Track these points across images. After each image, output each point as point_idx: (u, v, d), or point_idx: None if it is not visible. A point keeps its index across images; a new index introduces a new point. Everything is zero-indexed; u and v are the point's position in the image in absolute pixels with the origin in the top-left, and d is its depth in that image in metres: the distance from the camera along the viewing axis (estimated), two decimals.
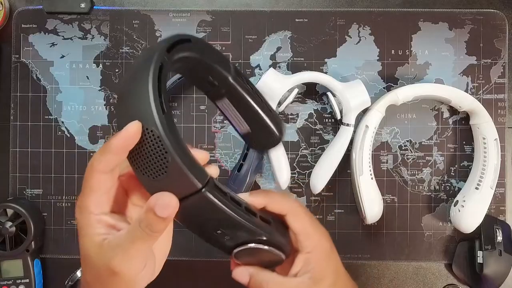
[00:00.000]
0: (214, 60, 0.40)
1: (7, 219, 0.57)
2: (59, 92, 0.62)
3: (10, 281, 0.59)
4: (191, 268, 0.61)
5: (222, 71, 0.41)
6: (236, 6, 0.62)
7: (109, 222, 0.32)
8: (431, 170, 0.61)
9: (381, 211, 0.58)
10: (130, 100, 0.31)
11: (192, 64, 0.38)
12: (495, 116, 0.61)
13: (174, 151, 0.29)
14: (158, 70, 0.31)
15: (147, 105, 0.30)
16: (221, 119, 0.62)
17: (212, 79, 0.41)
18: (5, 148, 0.62)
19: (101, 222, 0.32)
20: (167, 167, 0.30)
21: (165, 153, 0.29)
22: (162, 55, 0.32)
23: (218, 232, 0.34)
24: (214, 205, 0.32)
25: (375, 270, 0.62)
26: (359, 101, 0.57)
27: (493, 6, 0.62)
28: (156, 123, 0.29)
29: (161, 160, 0.30)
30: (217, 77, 0.41)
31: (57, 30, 0.62)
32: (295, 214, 0.39)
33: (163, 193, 0.30)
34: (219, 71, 0.41)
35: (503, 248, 0.57)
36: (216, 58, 0.41)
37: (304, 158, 0.62)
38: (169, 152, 0.29)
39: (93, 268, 0.32)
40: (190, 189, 0.31)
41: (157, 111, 0.29)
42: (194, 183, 0.31)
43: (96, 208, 0.32)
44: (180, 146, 0.30)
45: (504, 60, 0.61)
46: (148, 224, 0.30)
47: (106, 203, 0.33)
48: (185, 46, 0.36)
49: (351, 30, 0.62)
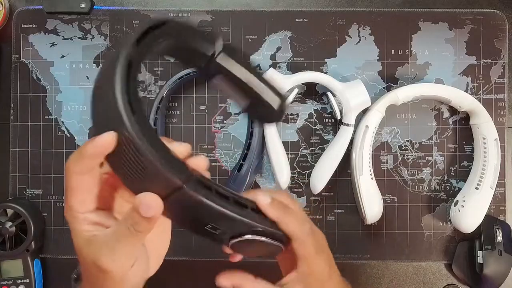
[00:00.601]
0: (196, 40, 0.39)
1: (7, 219, 0.57)
2: (59, 92, 0.62)
3: (10, 281, 0.59)
4: (191, 268, 0.61)
5: (207, 49, 0.39)
6: (236, 6, 0.62)
7: (95, 220, 0.32)
8: (431, 170, 0.61)
9: (381, 211, 0.58)
10: (99, 103, 0.31)
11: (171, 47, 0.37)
12: (495, 116, 0.61)
13: (147, 152, 0.29)
14: (126, 69, 0.30)
15: (115, 109, 0.29)
16: (221, 119, 0.62)
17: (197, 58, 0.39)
18: (5, 148, 0.62)
19: (87, 220, 0.32)
20: (143, 168, 0.29)
21: (139, 154, 0.29)
22: (130, 50, 0.31)
23: (208, 227, 0.33)
24: (198, 201, 0.31)
25: (375, 270, 0.62)
26: (359, 101, 0.57)
27: (493, 6, 0.62)
28: (126, 126, 0.29)
29: (136, 161, 0.29)
30: (203, 55, 0.39)
31: (57, 30, 0.62)
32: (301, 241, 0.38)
33: (146, 193, 0.30)
34: (203, 49, 0.39)
35: (503, 248, 0.57)
36: (198, 37, 0.39)
37: (304, 158, 0.62)
38: (142, 153, 0.29)
39: (84, 264, 0.33)
40: (171, 187, 0.30)
41: (126, 113, 0.29)
42: (174, 181, 0.30)
43: (80, 207, 0.32)
44: (154, 144, 0.30)
45: (504, 60, 0.61)
46: (133, 224, 0.30)
47: (90, 201, 0.33)
48: (159, 31, 0.35)
49: (351, 30, 0.62)
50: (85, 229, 0.32)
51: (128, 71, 0.31)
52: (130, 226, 0.30)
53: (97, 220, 0.33)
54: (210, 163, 0.35)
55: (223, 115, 0.62)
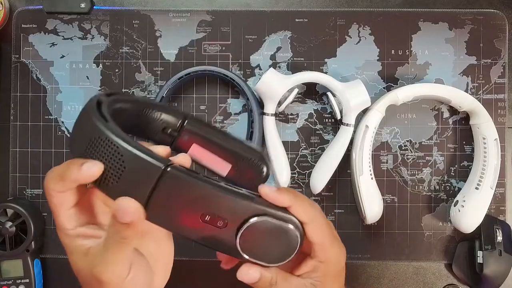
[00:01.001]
0: (163, 109, 0.39)
1: (7, 219, 0.57)
2: (59, 92, 0.62)
3: (10, 281, 0.59)
4: (191, 268, 0.61)
5: (176, 117, 0.39)
6: (236, 6, 0.62)
7: (88, 233, 0.32)
8: (431, 170, 0.61)
9: (381, 211, 0.58)
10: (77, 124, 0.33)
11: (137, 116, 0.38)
12: (495, 116, 0.61)
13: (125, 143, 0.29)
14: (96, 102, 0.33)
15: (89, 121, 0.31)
16: (221, 119, 0.62)
17: (168, 128, 0.39)
18: (5, 148, 0.62)
19: (80, 235, 0.32)
20: (124, 161, 0.29)
21: (117, 148, 0.29)
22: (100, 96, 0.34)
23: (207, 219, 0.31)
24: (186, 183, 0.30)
25: (375, 270, 0.62)
26: (359, 101, 0.57)
27: (493, 6, 0.62)
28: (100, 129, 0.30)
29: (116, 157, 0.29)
30: (173, 124, 0.39)
31: (57, 30, 0.62)
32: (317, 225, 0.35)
33: (122, 198, 0.29)
34: (173, 117, 0.39)
35: (503, 248, 0.57)
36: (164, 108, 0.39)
37: (304, 158, 0.62)
38: (120, 146, 0.29)
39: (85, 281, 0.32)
40: (154, 174, 0.29)
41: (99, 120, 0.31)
42: (155, 165, 0.29)
43: (68, 223, 0.32)
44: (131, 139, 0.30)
45: (504, 60, 0.61)
46: (116, 231, 0.30)
47: (76, 216, 0.32)
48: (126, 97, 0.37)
49: (351, 30, 0.62)
50: (80, 244, 0.32)
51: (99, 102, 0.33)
52: (113, 234, 0.30)
53: (90, 232, 0.32)
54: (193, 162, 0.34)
55: (223, 115, 0.62)
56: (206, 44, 0.62)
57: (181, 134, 0.39)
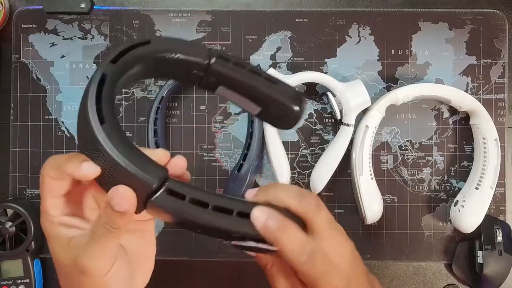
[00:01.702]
0: (186, 51, 0.36)
1: (7, 219, 0.57)
2: (59, 92, 0.62)
3: (10, 281, 0.59)
4: (191, 268, 0.61)
5: (200, 60, 0.36)
6: (236, 6, 0.62)
7: (71, 223, 0.32)
8: (431, 170, 0.61)
9: (381, 211, 0.58)
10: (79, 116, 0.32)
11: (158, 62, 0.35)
12: (495, 116, 0.61)
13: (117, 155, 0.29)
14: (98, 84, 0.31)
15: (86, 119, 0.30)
16: (221, 119, 0.62)
17: (193, 71, 0.37)
18: (5, 148, 0.62)
19: (63, 223, 0.32)
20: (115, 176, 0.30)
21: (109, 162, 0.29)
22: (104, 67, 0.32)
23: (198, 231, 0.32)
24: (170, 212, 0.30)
25: (375, 270, 0.62)
26: (359, 101, 0.57)
27: (493, 6, 0.62)
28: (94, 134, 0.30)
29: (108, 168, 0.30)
30: (198, 67, 0.36)
31: (57, 30, 0.62)
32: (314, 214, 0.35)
33: (118, 186, 0.29)
34: (197, 60, 0.36)
35: (503, 248, 0.57)
36: (187, 49, 0.36)
37: (304, 158, 0.62)
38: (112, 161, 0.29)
39: (64, 271, 0.32)
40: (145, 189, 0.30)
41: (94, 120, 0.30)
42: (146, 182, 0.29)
43: (54, 211, 0.32)
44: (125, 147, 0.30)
45: (504, 60, 0.61)
46: (108, 220, 0.30)
47: (63, 205, 0.33)
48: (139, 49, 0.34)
49: (351, 30, 0.62)
50: (62, 233, 0.32)
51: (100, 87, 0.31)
52: (104, 224, 0.30)
53: (73, 223, 0.32)
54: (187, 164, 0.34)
55: (223, 115, 0.62)
56: (206, 44, 0.62)
57: (207, 75, 0.37)
